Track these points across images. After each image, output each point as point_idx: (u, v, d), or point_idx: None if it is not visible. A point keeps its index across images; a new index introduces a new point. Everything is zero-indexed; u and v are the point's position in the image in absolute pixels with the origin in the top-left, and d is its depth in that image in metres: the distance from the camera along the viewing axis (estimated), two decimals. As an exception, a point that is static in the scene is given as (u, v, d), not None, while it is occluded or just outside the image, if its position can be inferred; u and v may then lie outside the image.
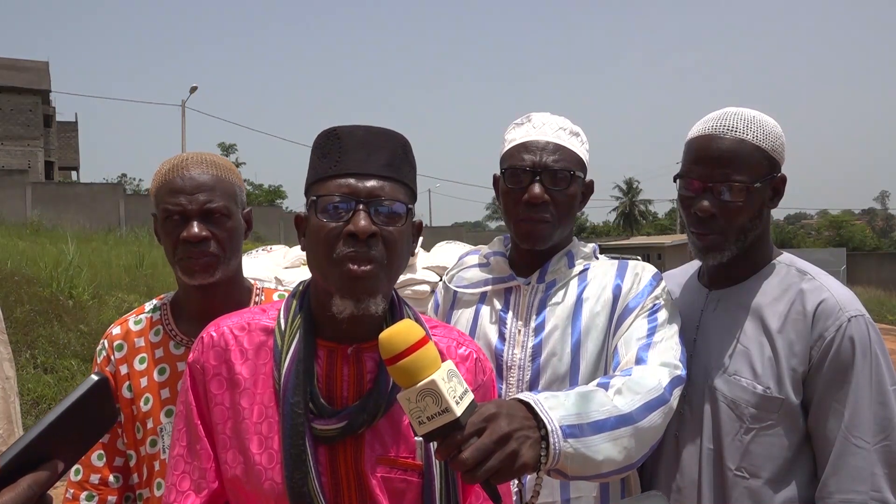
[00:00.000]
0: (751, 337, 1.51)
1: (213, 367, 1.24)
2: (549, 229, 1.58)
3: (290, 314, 1.24)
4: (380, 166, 1.18)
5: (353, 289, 1.15)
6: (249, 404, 1.21)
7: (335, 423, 1.16)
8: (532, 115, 1.65)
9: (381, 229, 1.15)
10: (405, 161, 1.22)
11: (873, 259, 38.42)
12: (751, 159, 1.50)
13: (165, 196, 1.55)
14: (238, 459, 1.20)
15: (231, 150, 48.96)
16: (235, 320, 1.28)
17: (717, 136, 1.52)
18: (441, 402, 1.00)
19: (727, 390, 1.50)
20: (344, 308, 1.16)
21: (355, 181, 1.16)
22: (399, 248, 1.18)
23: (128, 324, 1.66)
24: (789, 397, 1.45)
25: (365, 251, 1.14)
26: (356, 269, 1.14)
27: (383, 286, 1.17)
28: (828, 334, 1.43)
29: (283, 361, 1.19)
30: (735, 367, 1.50)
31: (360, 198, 1.15)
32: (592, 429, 1.18)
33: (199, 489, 1.22)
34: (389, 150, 1.20)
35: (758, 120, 1.53)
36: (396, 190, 1.19)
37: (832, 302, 1.45)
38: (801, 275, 1.53)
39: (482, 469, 1.02)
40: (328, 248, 1.16)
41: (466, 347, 1.32)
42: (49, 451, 0.84)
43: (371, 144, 1.19)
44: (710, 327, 1.59)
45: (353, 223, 1.14)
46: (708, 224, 1.54)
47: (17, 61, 36.83)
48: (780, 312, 1.49)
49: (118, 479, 1.62)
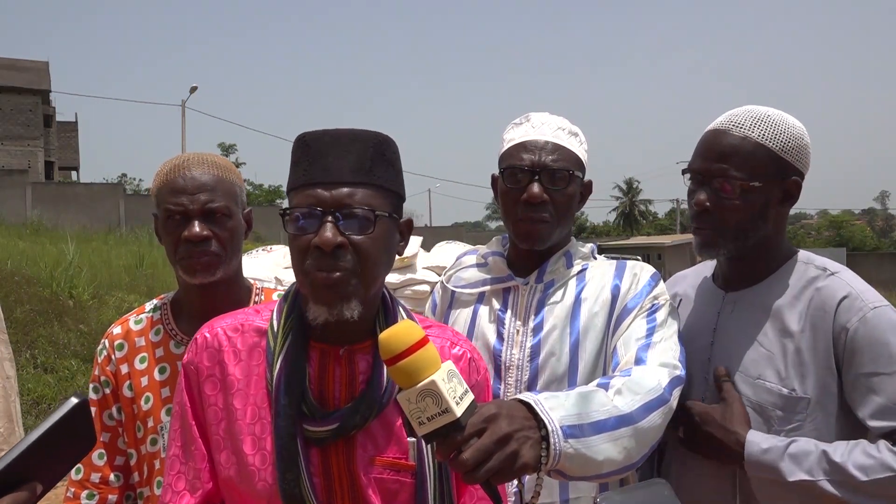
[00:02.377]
0: (772, 338, 1.48)
1: (206, 367, 1.24)
2: (547, 229, 1.58)
3: (283, 316, 1.24)
4: (347, 171, 1.15)
5: (323, 296, 1.15)
6: (243, 405, 1.21)
7: (327, 425, 1.16)
8: (531, 115, 1.66)
9: (351, 238, 1.14)
10: (380, 162, 1.18)
11: (873, 259, 38.43)
12: (751, 157, 1.48)
13: (167, 196, 1.55)
14: (231, 460, 1.20)
15: (231, 150, 49.03)
16: (229, 321, 1.28)
17: (723, 132, 1.51)
18: (441, 403, 1.00)
19: (752, 394, 1.47)
20: (318, 314, 1.16)
21: (322, 190, 1.14)
22: (372, 255, 1.16)
23: (128, 323, 1.67)
24: (816, 396, 1.42)
25: (331, 262, 1.13)
26: (324, 277, 1.13)
27: (357, 292, 1.16)
28: (850, 325, 1.39)
29: (275, 362, 1.19)
30: (759, 370, 1.47)
31: (327, 207, 1.14)
32: (593, 429, 1.18)
33: (193, 489, 1.22)
34: (357, 154, 1.16)
35: (771, 120, 1.50)
36: (368, 195, 1.16)
37: (854, 296, 1.42)
38: (820, 271, 1.50)
39: (482, 470, 1.02)
40: (300, 258, 1.16)
41: (460, 347, 1.32)
42: (28, 472, 0.84)
43: (338, 149, 1.16)
44: (729, 330, 1.56)
45: (319, 235, 1.12)
46: (702, 218, 1.53)
47: (17, 61, 36.83)
48: (800, 311, 1.46)
49: (119, 478, 1.63)
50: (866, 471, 1.31)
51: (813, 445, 1.36)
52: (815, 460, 1.34)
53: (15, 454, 0.82)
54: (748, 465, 1.40)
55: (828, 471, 1.33)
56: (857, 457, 1.32)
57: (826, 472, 1.33)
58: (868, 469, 1.31)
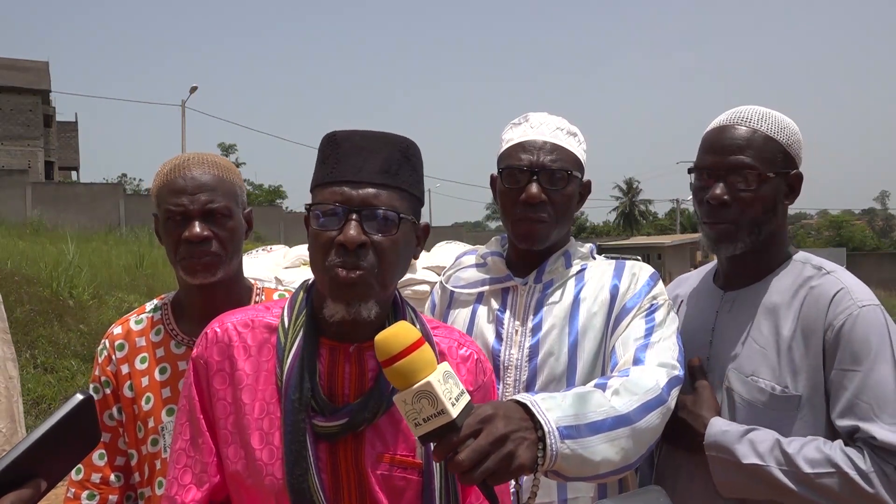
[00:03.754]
0: (767, 336, 1.50)
1: (216, 362, 1.25)
2: (546, 229, 1.58)
3: (294, 312, 1.25)
4: (375, 173, 1.17)
5: (343, 294, 1.16)
6: (251, 400, 1.22)
7: (336, 421, 1.18)
8: (529, 115, 1.66)
9: (372, 238, 1.15)
10: (405, 166, 1.21)
11: (873, 259, 38.46)
12: (764, 148, 1.51)
13: (167, 196, 1.56)
14: (239, 454, 1.21)
15: (231, 150, 49.07)
16: (239, 317, 1.29)
17: (730, 127, 1.55)
18: (437, 404, 1.01)
19: (745, 392, 1.49)
20: (335, 312, 1.17)
21: (349, 189, 1.16)
22: (391, 256, 1.17)
23: (129, 323, 1.67)
24: (807, 394, 1.44)
25: (353, 261, 1.14)
26: (345, 275, 1.14)
27: (375, 292, 1.17)
28: (837, 322, 1.42)
29: (285, 358, 1.20)
30: (752, 367, 1.50)
31: (353, 206, 1.15)
32: (590, 430, 1.18)
33: (200, 483, 1.23)
34: (385, 156, 1.18)
35: (773, 115, 1.56)
36: (392, 197, 1.17)
37: (844, 293, 1.44)
38: (816, 270, 1.52)
39: (479, 470, 1.03)
40: (321, 255, 1.17)
41: (467, 348, 1.33)
42: (33, 469, 0.84)
43: (367, 150, 1.18)
44: (726, 329, 1.59)
45: (343, 233, 1.14)
46: (720, 213, 1.53)
47: (17, 61, 36.84)
48: (795, 309, 1.48)
49: (119, 478, 1.63)
50: (812, 464, 1.36)
51: (770, 435, 1.41)
52: (769, 447, 1.39)
53: (19, 451, 0.82)
54: (707, 445, 1.45)
55: (779, 459, 1.38)
56: (809, 451, 1.37)
57: (777, 459, 1.38)
58: (814, 462, 1.36)
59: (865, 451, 1.34)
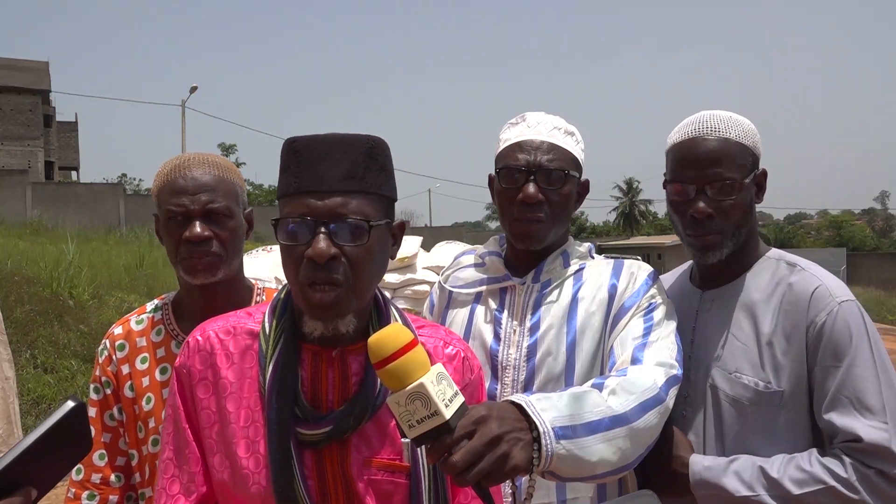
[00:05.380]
0: (748, 333, 1.53)
1: (199, 371, 1.23)
2: (543, 229, 1.58)
3: (275, 318, 1.23)
4: (339, 180, 1.12)
5: (319, 314, 1.15)
6: (236, 408, 1.21)
7: (319, 429, 1.16)
8: (527, 115, 1.65)
9: (344, 249, 1.12)
10: (371, 167, 1.15)
11: (873, 259, 38.45)
12: (738, 156, 1.54)
13: (168, 196, 1.56)
14: (225, 464, 1.20)
15: (231, 151, 49.04)
16: (221, 324, 1.28)
17: (701, 138, 1.55)
18: (430, 406, 1.00)
19: (729, 389, 1.51)
20: (314, 328, 1.17)
21: (315, 199, 1.12)
22: (365, 265, 1.14)
23: (129, 323, 1.67)
24: (790, 389, 1.46)
25: (326, 275, 1.11)
26: (320, 297, 1.12)
27: (351, 306, 1.16)
28: (819, 319, 1.44)
29: (267, 365, 1.19)
30: (735, 364, 1.52)
31: (320, 218, 1.11)
32: (586, 430, 1.18)
33: (188, 493, 1.21)
34: (350, 160, 1.13)
35: (735, 118, 1.58)
36: (361, 203, 1.13)
37: (823, 289, 1.47)
38: (790, 267, 1.55)
39: (473, 472, 1.02)
40: (293, 270, 1.15)
41: (454, 347, 1.32)
42: (23, 477, 0.83)
43: (330, 156, 1.13)
44: (707, 327, 1.61)
45: (312, 247, 1.10)
46: (705, 225, 1.55)
47: (17, 61, 36.83)
48: (774, 306, 1.51)
49: (120, 479, 1.63)
50: (799, 484, 1.37)
51: (750, 461, 1.43)
52: (755, 475, 1.40)
53: (9, 459, 0.81)
54: (694, 485, 1.45)
55: (766, 486, 1.39)
56: (791, 471, 1.39)
57: (765, 486, 1.39)
58: (801, 482, 1.37)
59: (844, 457, 1.37)
